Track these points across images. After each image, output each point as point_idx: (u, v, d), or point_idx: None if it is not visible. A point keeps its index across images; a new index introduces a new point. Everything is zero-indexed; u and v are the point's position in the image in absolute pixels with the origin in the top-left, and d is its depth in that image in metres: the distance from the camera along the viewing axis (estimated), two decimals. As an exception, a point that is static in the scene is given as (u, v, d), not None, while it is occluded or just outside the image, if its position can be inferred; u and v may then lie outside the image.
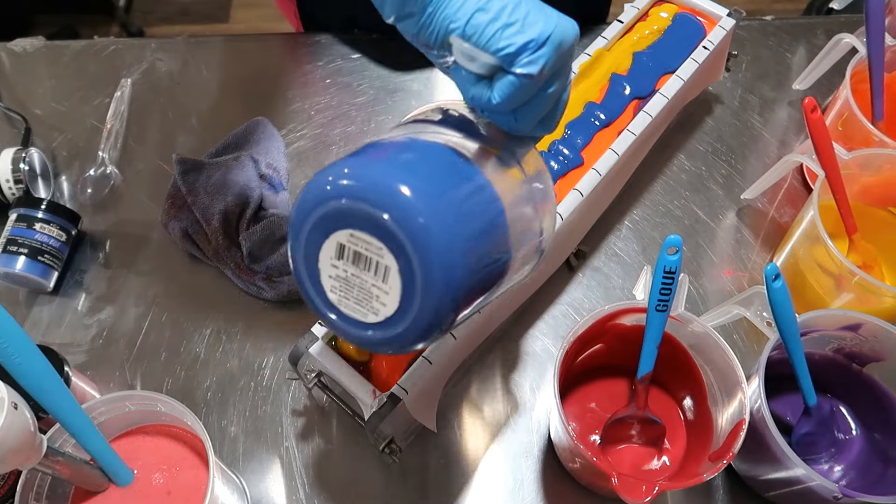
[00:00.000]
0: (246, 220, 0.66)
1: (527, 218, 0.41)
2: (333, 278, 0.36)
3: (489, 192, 0.37)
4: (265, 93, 0.78)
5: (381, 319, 0.35)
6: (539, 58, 0.35)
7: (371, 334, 0.36)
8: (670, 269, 0.47)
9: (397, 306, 0.35)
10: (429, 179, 0.35)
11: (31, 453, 0.41)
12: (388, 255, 0.34)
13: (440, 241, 0.33)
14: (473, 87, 0.38)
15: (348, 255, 0.35)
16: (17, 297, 0.67)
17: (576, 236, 0.64)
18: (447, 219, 0.34)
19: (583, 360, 0.57)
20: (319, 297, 0.37)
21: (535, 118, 0.39)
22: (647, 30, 0.67)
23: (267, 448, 0.59)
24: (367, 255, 0.34)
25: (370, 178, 0.34)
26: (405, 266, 0.34)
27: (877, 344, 0.52)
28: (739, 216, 0.69)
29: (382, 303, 0.35)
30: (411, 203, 0.33)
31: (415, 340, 0.36)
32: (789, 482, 0.49)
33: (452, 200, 0.35)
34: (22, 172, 0.68)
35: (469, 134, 0.40)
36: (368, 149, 0.37)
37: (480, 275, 0.36)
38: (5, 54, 0.82)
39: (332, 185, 0.34)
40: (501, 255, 0.38)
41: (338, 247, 0.35)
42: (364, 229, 0.34)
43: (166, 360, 0.63)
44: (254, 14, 2.03)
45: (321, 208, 0.35)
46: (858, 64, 0.64)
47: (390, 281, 0.34)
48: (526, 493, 0.57)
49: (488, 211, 0.37)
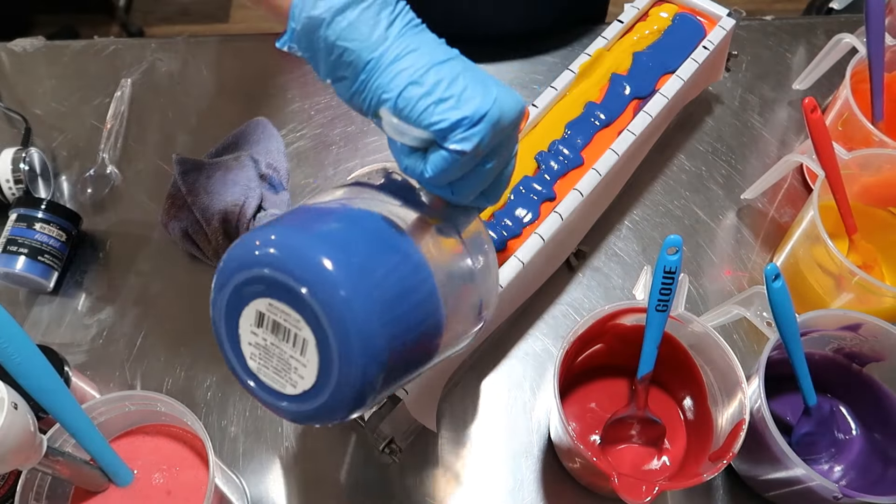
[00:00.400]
0: (246, 220, 0.66)
1: (463, 289, 0.40)
2: (253, 345, 0.35)
3: (418, 263, 0.36)
4: (265, 93, 0.78)
5: (299, 392, 0.34)
6: (473, 135, 0.35)
7: (288, 406, 0.35)
8: (670, 269, 0.47)
9: (315, 380, 0.34)
10: (351, 251, 0.34)
11: (31, 453, 0.41)
12: (306, 328, 0.33)
13: (358, 315, 0.32)
14: (407, 157, 0.37)
15: (268, 323, 0.34)
16: (17, 297, 0.67)
17: (576, 236, 0.64)
18: (367, 292, 0.33)
19: (583, 360, 0.57)
20: (239, 362, 0.36)
21: (474, 192, 0.38)
22: (647, 30, 0.67)
23: (267, 448, 0.59)
24: (285, 326, 0.34)
25: (292, 248, 0.33)
26: (322, 339, 0.33)
27: (877, 344, 0.52)
28: (739, 216, 0.69)
29: (300, 375, 0.34)
30: (330, 276, 0.32)
31: (334, 414, 0.34)
32: (789, 482, 0.49)
33: (375, 274, 0.34)
34: (22, 172, 0.68)
35: (407, 202, 0.39)
36: (299, 213, 0.36)
37: (406, 347, 0.35)
38: (5, 54, 0.82)
39: (256, 250, 0.34)
40: (431, 328, 0.37)
41: (257, 315, 0.34)
42: (282, 300, 0.33)
43: (166, 360, 0.63)
44: (254, 14, 2.03)
45: (243, 273, 0.34)
46: (858, 64, 0.64)
47: (308, 353, 0.33)
48: (526, 493, 0.57)
49: (415, 283, 0.36)
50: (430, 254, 0.37)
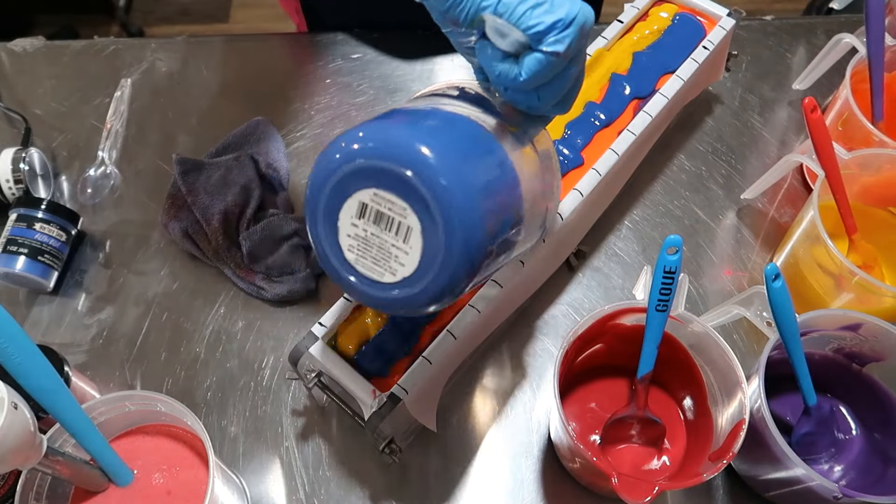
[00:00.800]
0: (246, 220, 0.66)
1: (536, 193, 0.41)
2: (352, 237, 0.37)
3: (507, 163, 0.38)
4: (265, 93, 0.78)
5: (398, 279, 0.36)
6: (565, 37, 0.37)
7: (385, 294, 0.37)
8: (670, 269, 0.47)
9: (416, 266, 0.36)
10: (454, 144, 0.36)
11: (31, 453, 0.41)
12: (412, 216, 0.35)
13: (463, 203, 0.34)
14: (500, 64, 0.39)
15: (370, 214, 0.36)
16: (17, 297, 0.67)
17: (576, 236, 0.64)
18: (470, 183, 0.35)
19: (583, 360, 0.57)
20: (336, 256, 0.38)
21: (557, 97, 0.40)
22: (647, 30, 0.67)
23: (267, 448, 0.59)
24: (389, 215, 0.35)
25: (400, 139, 0.35)
26: (428, 225, 0.35)
27: (877, 344, 0.52)
28: (739, 216, 0.69)
29: (401, 263, 0.36)
30: (440, 164, 0.34)
31: (428, 302, 0.36)
32: (789, 482, 0.49)
33: (475, 166, 0.36)
34: (22, 172, 0.68)
35: (486, 110, 0.41)
36: (393, 114, 0.38)
37: (496, 241, 0.37)
38: (5, 54, 0.82)
39: (360, 144, 0.35)
40: (514, 225, 0.39)
41: (360, 206, 0.36)
42: (390, 189, 0.35)
43: (166, 360, 0.63)
44: (254, 14, 2.03)
45: (347, 167, 0.35)
46: (858, 64, 0.64)
47: (411, 241, 0.35)
48: (526, 493, 0.57)
49: (506, 180, 0.38)
50: (513, 157, 0.39)
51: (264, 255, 0.64)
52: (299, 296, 0.65)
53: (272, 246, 0.65)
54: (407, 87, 0.77)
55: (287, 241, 0.65)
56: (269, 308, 0.65)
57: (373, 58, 0.80)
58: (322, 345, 0.52)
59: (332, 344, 0.53)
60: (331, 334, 0.53)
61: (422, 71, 0.78)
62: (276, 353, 0.63)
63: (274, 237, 0.65)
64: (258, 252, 0.64)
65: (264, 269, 0.64)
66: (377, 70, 0.79)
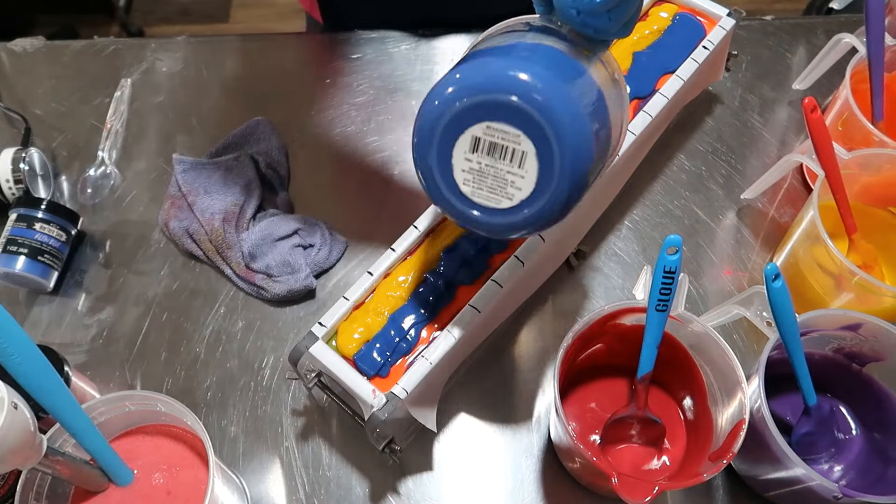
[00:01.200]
0: (246, 220, 0.66)
1: (615, 110, 0.43)
2: (466, 171, 0.40)
3: (593, 81, 0.40)
4: (265, 93, 0.78)
5: (514, 204, 0.40)
6: None
7: (502, 220, 0.41)
8: (670, 269, 0.47)
9: (533, 188, 0.39)
10: (549, 68, 0.38)
11: (31, 453, 0.41)
12: (525, 140, 0.38)
13: (571, 119, 0.37)
14: None
15: (483, 147, 0.39)
16: (17, 297, 0.67)
17: (576, 236, 0.64)
18: (573, 101, 0.38)
19: (583, 360, 0.57)
20: (452, 191, 0.41)
21: (624, 19, 0.42)
22: (647, 30, 0.67)
23: (267, 448, 0.59)
24: (502, 144, 0.38)
25: (500, 71, 0.37)
26: (542, 147, 0.38)
27: (877, 344, 0.52)
28: (739, 216, 0.69)
29: (517, 187, 0.39)
30: (543, 88, 0.37)
31: (545, 221, 0.40)
32: (789, 482, 0.49)
33: (572, 86, 0.38)
34: (22, 172, 0.68)
35: (558, 38, 0.43)
36: (479, 54, 0.40)
37: (597, 157, 0.40)
38: (5, 54, 0.82)
39: (461, 84, 0.38)
40: (608, 137, 0.41)
41: (472, 141, 0.39)
42: (500, 119, 0.38)
43: (166, 360, 0.63)
44: (254, 14, 2.03)
45: (456, 106, 0.38)
46: (858, 64, 0.64)
47: (526, 165, 0.38)
48: (526, 493, 0.57)
49: (597, 102, 0.40)
50: (594, 76, 0.41)
51: (264, 255, 0.64)
52: (299, 296, 0.65)
53: (272, 246, 0.65)
54: (407, 87, 0.78)
55: (287, 241, 0.65)
56: (269, 308, 0.65)
57: (373, 58, 0.80)
58: (322, 345, 0.52)
59: (332, 344, 0.53)
60: (331, 334, 0.53)
61: (422, 71, 0.78)
62: (276, 353, 0.63)
63: (273, 237, 0.65)
64: (258, 252, 0.64)
65: (264, 268, 0.64)
66: (377, 70, 0.79)
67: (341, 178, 0.72)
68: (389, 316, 0.53)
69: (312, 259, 0.65)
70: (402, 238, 0.56)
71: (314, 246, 0.66)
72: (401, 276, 0.55)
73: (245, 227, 0.66)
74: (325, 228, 0.67)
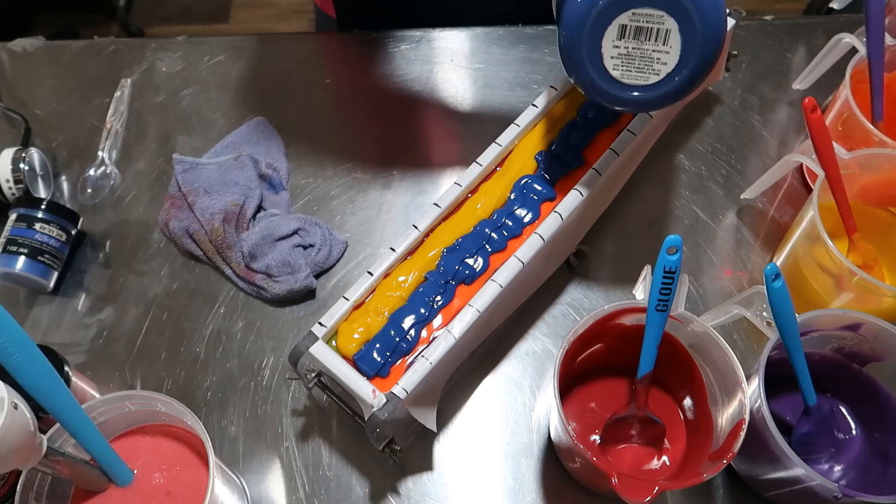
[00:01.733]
0: (246, 220, 0.66)
1: None
2: (615, 58, 0.46)
3: None
4: (265, 93, 0.78)
5: (662, 77, 0.46)
6: None
7: (652, 93, 0.47)
8: (670, 269, 0.47)
9: (678, 60, 0.45)
10: None
11: (31, 453, 0.41)
12: (669, 19, 0.44)
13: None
14: None
15: (629, 32, 0.45)
16: (17, 297, 0.67)
17: (576, 236, 0.64)
18: None
19: (583, 360, 0.57)
20: (602, 78, 0.47)
21: None
22: (648, 29, 0.67)
23: (267, 448, 0.59)
24: (647, 27, 0.44)
25: None
26: (684, 22, 0.44)
27: (877, 344, 0.52)
28: (739, 216, 0.69)
29: (663, 63, 0.45)
30: None
31: (689, 87, 0.47)
32: (789, 482, 0.49)
33: None
34: (22, 172, 0.68)
35: None
36: None
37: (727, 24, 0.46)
38: (5, 54, 0.82)
39: None
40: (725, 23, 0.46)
41: (619, 29, 0.45)
42: (646, 4, 0.43)
43: (166, 360, 0.63)
44: (254, 14, 2.03)
45: (601, 3, 0.44)
46: (858, 64, 0.64)
47: (671, 41, 0.45)
48: (526, 493, 0.57)
49: None
50: None
51: (264, 255, 0.64)
52: (299, 296, 0.65)
53: (271, 246, 0.65)
54: (407, 88, 0.78)
55: (287, 241, 0.65)
56: (269, 308, 0.65)
57: (373, 58, 0.80)
58: (322, 345, 0.52)
59: (332, 344, 0.53)
60: (331, 334, 0.53)
61: (421, 71, 0.78)
62: (276, 353, 0.63)
63: (273, 237, 0.65)
64: (258, 252, 0.64)
65: (264, 268, 0.64)
66: (377, 70, 0.79)
67: (341, 178, 0.72)
68: (389, 316, 0.53)
69: (312, 259, 0.65)
70: (402, 238, 0.56)
71: (314, 246, 0.66)
72: (401, 276, 0.55)
73: (245, 227, 0.66)
74: (325, 228, 0.67)
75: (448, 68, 0.79)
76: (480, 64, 0.79)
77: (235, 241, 0.65)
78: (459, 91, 0.77)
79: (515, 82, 0.77)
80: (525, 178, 0.59)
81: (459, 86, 0.77)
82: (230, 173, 0.68)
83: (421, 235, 0.56)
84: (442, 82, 0.78)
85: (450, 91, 0.77)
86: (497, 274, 0.53)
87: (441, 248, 0.56)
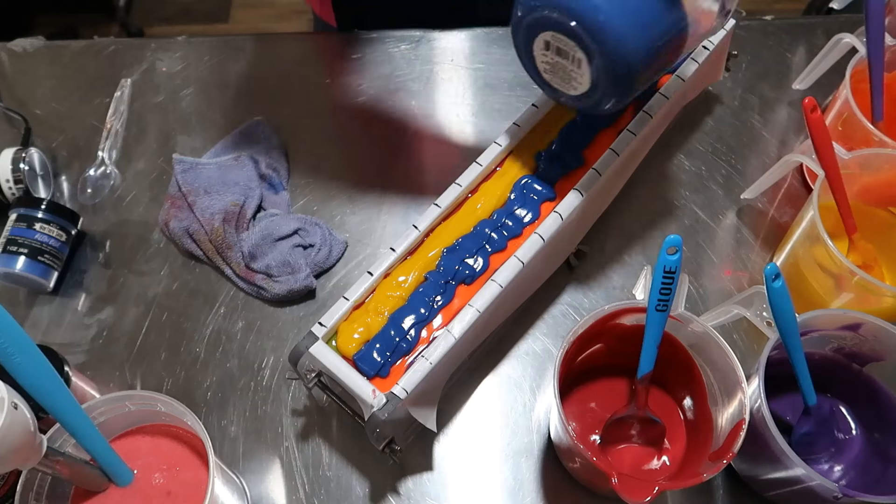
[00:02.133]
0: (246, 220, 0.66)
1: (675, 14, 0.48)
2: (545, 62, 0.50)
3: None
4: (265, 93, 0.78)
5: (579, 93, 0.50)
6: None
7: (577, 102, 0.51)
8: (670, 269, 0.47)
9: (588, 85, 0.49)
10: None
11: (31, 453, 0.41)
12: (579, 51, 0.47)
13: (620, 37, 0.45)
14: None
15: (553, 48, 0.48)
16: (17, 297, 0.67)
17: (576, 236, 0.64)
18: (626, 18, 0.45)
19: (583, 360, 0.57)
20: (538, 77, 0.52)
21: None
22: (648, 29, 0.67)
23: (267, 448, 0.59)
24: (565, 49, 0.48)
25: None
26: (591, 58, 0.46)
27: (877, 344, 0.52)
28: (739, 216, 0.69)
29: (579, 82, 0.49)
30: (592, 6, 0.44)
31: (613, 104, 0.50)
32: (789, 482, 0.49)
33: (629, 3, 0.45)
34: (22, 172, 0.68)
35: None
36: None
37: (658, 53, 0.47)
38: (5, 54, 0.82)
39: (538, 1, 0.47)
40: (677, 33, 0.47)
41: (545, 42, 0.49)
42: (560, 31, 0.47)
43: (166, 360, 0.63)
44: (254, 14, 2.03)
45: (529, 17, 0.48)
46: (858, 64, 0.64)
47: (582, 68, 0.48)
48: (526, 493, 0.57)
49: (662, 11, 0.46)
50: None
51: (264, 255, 0.64)
52: (299, 296, 0.65)
53: (271, 246, 0.65)
54: (407, 88, 0.78)
55: (287, 241, 0.65)
56: (269, 308, 0.65)
57: (373, 58, 0.80)
58: (322, 345, 0.52)
59: (332, 344, 0.53)
60: (331, 334, 0.53)
61: (421, 71, 0.78)
62: (276, 353, 0.63)
63: (273, 237, 0.65)
64: (258, 252, 0.64)
65: (264, 268, 0.64)
66: (377, 70, 0.79)
67: (341, 178, 0.72)
68: (389, 316, 0.53)
69: (312, 259, 0.65)
70: (402, 238, 0.56)
71: (314, 246, 0.66)
72: (401, 276, 0.55)
73: (245, 227, 0.66)
74: (325, 228, 0.67)
75: (448, 68, 0.79)
76: (480, 64, 0.79)
77: (235, 241, 0.65)
78: (459, 91, 0.77)
79: (515, 82, 0.77)
80: (525, 178, 0.59)
81: (459, 86, 0.77)
82: (230, 173, 0.68)
83: (421, 235, 0.56)
84: (442, 82, 0.78)
85: (450, 91, 0.77)
86: (497, 274, 0.53)
87: (441, 248, 0.56)
